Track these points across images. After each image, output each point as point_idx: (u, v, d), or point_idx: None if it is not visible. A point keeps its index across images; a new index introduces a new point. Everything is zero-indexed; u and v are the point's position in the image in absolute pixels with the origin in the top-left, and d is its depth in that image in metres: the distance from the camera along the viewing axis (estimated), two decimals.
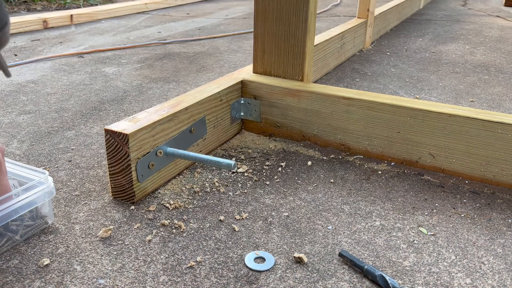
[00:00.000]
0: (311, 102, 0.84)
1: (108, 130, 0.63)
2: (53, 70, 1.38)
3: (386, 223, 0.64)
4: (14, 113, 1.03)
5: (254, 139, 0.90)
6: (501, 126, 0.70)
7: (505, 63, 1.52)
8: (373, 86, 1.25)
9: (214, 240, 0.59)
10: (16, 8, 2.64)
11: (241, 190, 0.72)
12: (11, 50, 1.62)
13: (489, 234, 0.62)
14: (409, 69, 1.43)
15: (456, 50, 1.69)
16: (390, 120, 0.78)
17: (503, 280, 0.53)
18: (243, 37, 1.93)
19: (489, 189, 0.73)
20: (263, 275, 0.53)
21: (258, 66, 0.94)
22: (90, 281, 0.52)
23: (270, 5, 0.88)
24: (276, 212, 0.66)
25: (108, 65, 1.45)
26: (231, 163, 0.63)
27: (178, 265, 0.55)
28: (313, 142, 0.88)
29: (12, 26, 1.91)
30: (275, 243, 0.59)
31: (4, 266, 0.54)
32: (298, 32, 0.87)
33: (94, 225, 0.62)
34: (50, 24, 2.07)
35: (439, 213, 0.66)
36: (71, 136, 0.91)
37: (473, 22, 2.33)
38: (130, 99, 1.13)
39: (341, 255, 0.55)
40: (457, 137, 0.74)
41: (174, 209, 0.66)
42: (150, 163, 0.67)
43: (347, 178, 0.76)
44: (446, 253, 0.58)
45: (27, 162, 0.80)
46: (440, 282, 0.53)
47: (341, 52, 1.44)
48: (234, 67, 1.43)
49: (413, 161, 0.79)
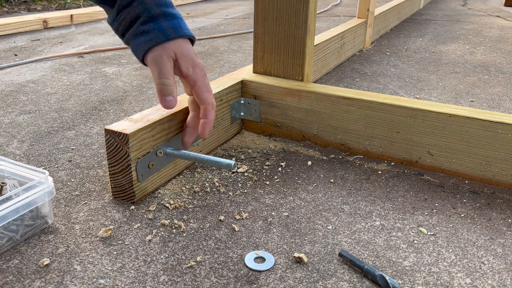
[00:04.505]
0: (311, 102, 0.84)
1: (108, 130, 0.63)
2: (53, 70, 1.38)
3: (386, 223, 0.64)
4: (14, 113, 1.03)
5: (254, 139, 0.90)
6: (501, 126, 0.70)
7: (505, 63, 1.52)
8: (373, 86, 1.25)
9: (214, 240, 0.59)
10: (16, 8, 2.64)
11: (241, 190, 0.72)
12: (11, 50, 1.63)
13: (489, 234, 0.62)
14: (409, 69, 1.43)
15: (456, 50, 1.69)
16: (390, 120, 0.78)
17: (503, 280, 0.53)
18: (243, 37, 1.93)
19: (489, 189, 0.73)
20: (263, 275, 0.53)
21: (258, 66, 0.94)
22: (90, 281, 0.52)
23: (270, 5, 0.88)
24: (276, 212, 0.66)
25: (108, 65, 1.45)
26: (231, 163, 0.63)
27: (178, 265, 0.55)
28: (313, 142, 0.88)
29: (12, 26, 1.91)
30: (275, 243, 0.59)
31: (4, 266, 0.54)
32: (298, 32, 0.87)
33: (94, 225, 0.62)
34: (50, 24, 2.07)
35: (439, 213, 0.66)
36: (71, 136, 0.91)
37: (473, 22, 2.33)
38: (130, 99, 1.13)
39: (341, 255, 0.56)
40: (457, 137, 0.74)
41: (174, 209, 0.66)
42: (150, 163, 0.67)
43: (347, 178, 0.76)
44: (446, 253, 0.58)
45: (27, 162, 0.80)
46: (440, 282, 0.53)
47: (341, 52, 1.44)
48: (234, 67, 1.43)
49: (413, 161, 0.79)
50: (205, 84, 0.67)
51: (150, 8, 0.62)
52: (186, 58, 0.64)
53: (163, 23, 0.62)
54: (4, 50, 1.63)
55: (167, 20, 0.63)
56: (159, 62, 0.62)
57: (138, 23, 0.62)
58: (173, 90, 0.64)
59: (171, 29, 0.63)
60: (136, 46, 0.63)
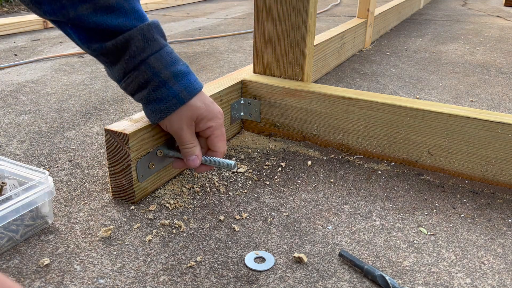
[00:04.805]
0: (311, 102, 0.84)
1: (108, 130, 0.63)
2: (53, 70, 1.38)
3: (386, 223, 0.64)
4: (14, 113, 1.03)
5: (254, 139, 0.90)
6: (501, 126, 0.70)
7: (505, 63, 1.52)
8: (373, 86, 1.25)
9: (214, 240, 0.59)
10: (16, 8, 2.63)
11: (241, 190, 0.72)
12: (11, 50, 1.63)
13: (489, 234, 0.62)
14: (409, 69, 1.43)
15: (456, 50, 1.69)
16: (390, 120, 0.78)
17: (503, 280, 0.53)
18: (243, 37, 1.93)
19: (489, 189, 0.73)
20: (263, 275, 0.53)
21: (258, 66, 0.94)
22: (90, 281, 0.52)
23: (270, 5, 0.88)
24: (276, 212, 0.66)
25: None
26: (231, 163, 0.63)
27: (178, 265, 0.55)
28: (313, 142, 0.88)
29: (12, 26, 1.91)
30: (275, 243, 0.59)
31: (4, 266, 0.54)
32: (298, 32, 0.87)
33: (94, 225, 0.62)
34: (50, 24, 2.06)
35: (439, 213, 0.66)
36: (71, 136, 0.91)
37: (473, 22, 2.33)
38: (130, 99, 1.13)
39: (341, 255, 0.56)
40: (457, 137, 0.74)
41: (174, 209, 0.66)
42: (150, 163, 0.67)
43: (347, 178, 0.76)
44: (446, 253, 0.58)
45: (27, 162, 0.80)
46: (440, 282, 0.53)
47: (341, 52, 1.44)
48: (234, 67, 1.43)
49: (413, 161, 0.79)
50: (222, 133, 0.66)
51: (159, 72, 0.59)
52: (204, 119, 0.63)
53: (175, 87, 0.60)
54: (4, 50, 1.63)
55: (179, 81, 0.60)
56: (180, 134, 0.63)
57: (149, 89, 0.60)
58: (195, 150, 0.64)
59: (185, 91, 0.61)
60: (152, 112, 0.62)
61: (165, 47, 0.60)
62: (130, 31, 0.57)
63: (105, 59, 0.60)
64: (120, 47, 0.58)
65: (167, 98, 0.60)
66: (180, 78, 0.61)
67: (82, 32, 0.58)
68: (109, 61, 0.60)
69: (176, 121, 0.62)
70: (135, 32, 0.57)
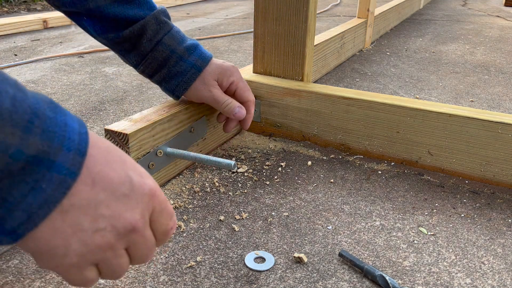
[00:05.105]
0: (311, 102, 0.84)
1: (108, 130, 0.63)
2: (53, 70, 1.38)
3: (386, 223, 0.64)
4: None
5: (254, 139, 0.90)
6: (501, 126, 0.70)
7: (505, 63, 1.52)
8: (373, 86, 1.25)
9: (214, 240, 0.59)
10: (16, 8, 2.64)
11: (241, 190, 0.72)
12: (11, 50, 1.63)
13: (489, 234, 0.62)
14: (409, 69, 1.43)
15: (456, 50, 1.69)
16: (390, 120, 0.78)
17: (503, 280, 0.53)
18: (243, 37, 1.93)
19: (489, 189, 0.73)
20: (263, 275, 0.53)
21: (258, 66, 0.94)
22: None
23: (270, 5, 0.88)
24: (276, 212, 0.66)
25: (108, 65, 1.45)
26: (231, 163, 0.63)
27: (178, 265, 0.55)
28: (313, 142, 0.88)
29: (12, 26, 1.91)
30: (275, 243, 0.59)
31: (4, 266, 0.54)
32: (298, 32, 0.87)
33: None
34: (50, 24, 2.07)
35: (439, 213, 0.66)
36: None
37: (473, 22, 2.33)
38: (130, 99, 1.13)
39: (341, 255, 0.56)
40: (457, 137, 0.74)
41: (174, 209, 0.66)
42: (150, 163, 0.67)
43: (347, 178, 0.76)
44: (446, 253, 0.58)
45: None
46: (440, 282, 0.53)
47: (341, 52, 1.44)
48: None
49: (413, 161, 0.79)
50: (245, 84, 0.75)
51: (175, 49, 0.67)
52: (222, 75, 0.71)
53: (190, 59, 0.68)
54: (4, 50, 1.63)
55: (192, 53, 0.68)
56: (211, 96, 0.71)
57: (168, 66, 0.67)
58: (235, 103, 0.72)
59: (199, 60, 0.69)
60: (176, 86, 0.69)
61: (173, 27, 0.68)
62: (144, 18, 0.64)
63: (120, 48, 0.66)
64: (137, 34, 0.64)
65: (187, 69, 0.68)
66: (192, 50, 0.68)
67: (97, 23, 0.64)
68: (124, 49, 0.67)
69: (201, 87, 0.70)
70: (150, 18, 0.64)
